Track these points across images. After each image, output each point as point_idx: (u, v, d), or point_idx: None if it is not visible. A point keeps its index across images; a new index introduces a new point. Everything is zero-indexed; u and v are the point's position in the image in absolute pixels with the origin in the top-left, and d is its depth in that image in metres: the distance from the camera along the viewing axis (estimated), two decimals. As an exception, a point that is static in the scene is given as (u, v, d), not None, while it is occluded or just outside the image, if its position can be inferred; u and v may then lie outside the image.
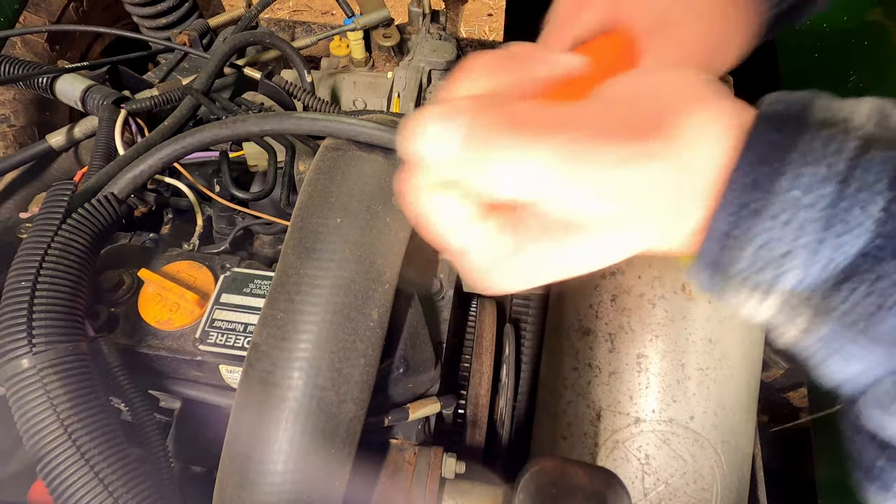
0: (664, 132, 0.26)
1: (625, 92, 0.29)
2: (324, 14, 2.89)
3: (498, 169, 0.26)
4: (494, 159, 0.26)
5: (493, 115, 0.27)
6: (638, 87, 0.29)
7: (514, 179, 0.27)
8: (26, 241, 0.51)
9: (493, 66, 0.31)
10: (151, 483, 0.47)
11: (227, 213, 0.77)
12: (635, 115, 0.27)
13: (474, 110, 0.27)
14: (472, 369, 0.79)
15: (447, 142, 0.27)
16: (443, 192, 0.29)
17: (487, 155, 0.26)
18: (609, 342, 0.74)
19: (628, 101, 0.28)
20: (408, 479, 0.58)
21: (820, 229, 0.24)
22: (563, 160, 0.26)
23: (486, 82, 0.31)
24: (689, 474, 0.70)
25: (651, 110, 0.27)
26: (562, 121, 0.27)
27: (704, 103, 0.27)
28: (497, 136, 0.26)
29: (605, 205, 0.27)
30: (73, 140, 0.79)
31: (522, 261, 0.30)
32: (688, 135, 0.27)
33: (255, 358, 0.49)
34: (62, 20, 1.19)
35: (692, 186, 0.27)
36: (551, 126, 0.27)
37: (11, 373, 0.45)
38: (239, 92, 0.90)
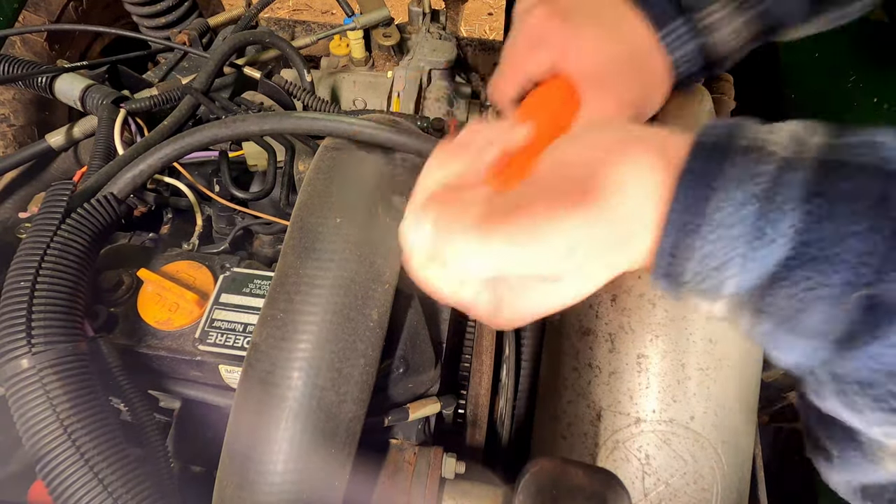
0: (596, 193, 0.31)
1: (558, 162, 0.34)
2: (324, 13, 2.89)
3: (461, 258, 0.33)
4: (457, 251, 0.33)
5: (451, 213, 0.34)
6: (569, 155, 0.34)
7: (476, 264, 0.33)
8: (25, 241, 0.51)
9: (453, 155, 0.38)
10: (151, 483, 0.47)
11: (227, 213, 0.77)
12: (568, 184, 0.32)
13: (437, 207, 0.34)
14: (472, 369, 0.79)
15: (421, 236, 0.34)
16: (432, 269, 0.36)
17: (451, 247, 0.33)
18: (609, 342, 0.74)
19: (562, 172, 0.34)
20: (408, 479, 0.58)
21: (744, 245, 0.28)
22: (513, 242, 0.32)
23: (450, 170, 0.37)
24: (689, 474, 0.70)
25: (582, 176, 0.32)
26: (507, 208, 0.32)
27: (629, 154, 0.32)
28: (457, 231, 0.33)
29: (559, 264, 0.32)
30: (72, 140, 0.79)
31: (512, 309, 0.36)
32: (617, 186, 0.31)
33: (255, 358, 0.49)
34: (61, 19, 1.19)
35: (636, 223, 0.32)
36: (500, 214, 0.32)
37: (11, 373, 0.45)
38: (239, 91, 0.89)
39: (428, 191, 0.37)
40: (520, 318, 0.36)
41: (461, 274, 0.34)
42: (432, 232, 0.34)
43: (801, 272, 0.27)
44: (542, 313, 0.36)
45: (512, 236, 0.31)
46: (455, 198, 0.35)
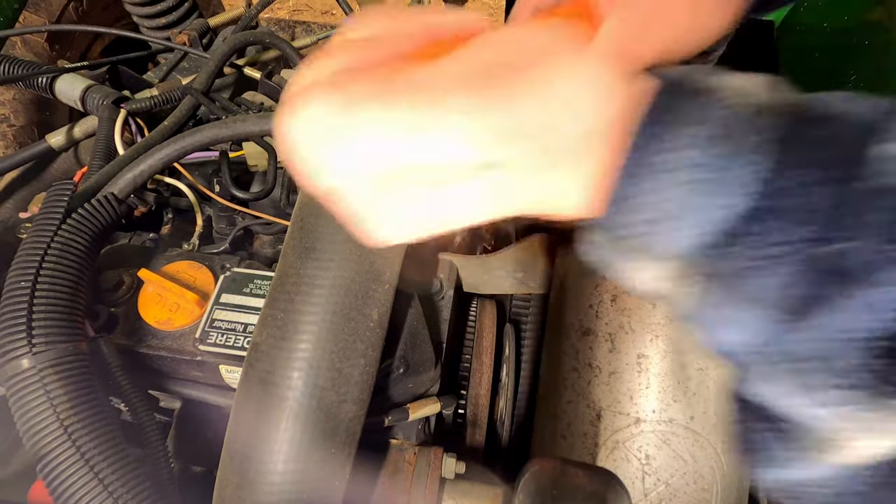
0: (521, 78, 0.26)
1: (500, 39, 0.28)
2: (324, 14, 2.89)
3: (366, 130, 0.27)
4: (362, 120, 0.27)
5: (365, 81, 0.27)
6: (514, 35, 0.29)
7: (382, 137, 0.27)
8: (26, 241, 0.51)
9: (387, 14, 0.31)
10: (151, 483, 0.47)
11: (227, 213, 0.77)
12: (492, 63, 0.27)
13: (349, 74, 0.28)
14: (472, 369, 0.79)
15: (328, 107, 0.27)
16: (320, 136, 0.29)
17: (356, 118, 0.27)
18: (609, 342, 0.74)
19: (502, 47, 0.28)
20: (408, 479, 0.58)
21: (698, 191, 0.25)
22: (424, 113, 0.26)
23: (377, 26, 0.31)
24: (689, 474, 0.70)
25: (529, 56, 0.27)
26: (425, 77, 0.27)
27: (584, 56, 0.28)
28: (364, 99, 0.26)
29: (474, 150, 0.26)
30: (72, 140, 0.79)
31: (396, 206, 0.29)
32: (566, 77, 0.27)
33: (255, 358, 0.49)
34: (62, 20, 1.19)
35: (582, 138, 0.27)
36: (413, 84, 0.26)
37: (11, 373, 0.45)
38: (239, 92, 0.90)
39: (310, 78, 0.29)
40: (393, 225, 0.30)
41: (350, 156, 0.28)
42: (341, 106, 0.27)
43: (759, 225, 0.24)
44: (419, 229, 0.30)
45: (398, 118, 0.26)
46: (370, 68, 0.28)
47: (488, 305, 0.86)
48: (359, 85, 0.27)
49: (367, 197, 0.29)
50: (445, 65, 0.27)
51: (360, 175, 0.28)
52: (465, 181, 0.28)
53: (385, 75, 0.28)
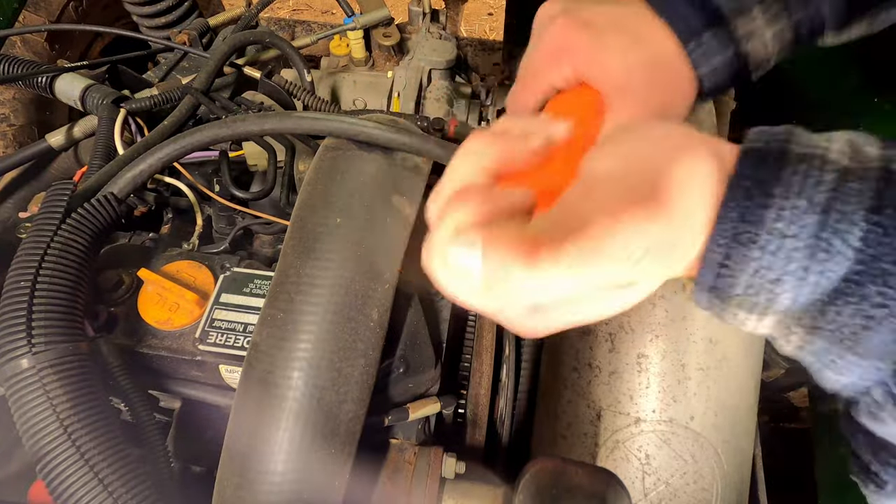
0: (667, 193, 0.29)
1: (608, 166, 0.32)
2: (324, 13, 2.89)
3: (519, 291, 0.30)
4: (514, 285, 0.29)
5: (505, 242, 0.29)
6: (626, 153, 0.32)
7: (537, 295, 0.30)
8: (26, 241, 0.51)
9: (490, 142, 0.35)
10: (151, 483, 0.47)
11: (227, 213, 0.77)
12: (631, 186, 0.30)
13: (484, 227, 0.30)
14: (472, 369, 0.79)
15: (469, 278, 0.30)
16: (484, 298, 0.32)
17: (507, 281, 0.29)
18: (609, 342, 0.74)
19: (620, 173, 0.31)
20: (408, 479, 0.58)
21: (805, 257, 0.27)
22: (577, 267, 0.29)
23: (488, 156, 0.34)
24: (689, 474, 0.70)
25: (647, 175, 0.30)
26: (563, 228, 0.30)
27: (686, 153, 0.30)
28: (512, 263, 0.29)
29: (623, 276, 0.30)
30: (72, 139, 0.79)
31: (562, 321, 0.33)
32: (675, 194, 0.29)
33: (255, 358, 0.49)
34: (62, 19, 1.19)
35: (686, 231, 0.30)
36: (559, 238, 0.29)
37: (11, 373, 0.45)
38: (239, 91, 0.89)
39: (463, 181, 0.34)
40: (567, 326, 0.34)
41: (518, 303, 0.31)
42: (484, 263, 0.30)
43: (869, 288, 0.26)
44: (592, 321, 0.34)
45: (575, 262, 0.29)
46: (499, 215, 0.31)
47: (488, 305, 0.85)
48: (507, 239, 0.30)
49: (516, 318, 0.33)
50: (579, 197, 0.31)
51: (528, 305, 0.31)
52: (636, 283, 0.31)
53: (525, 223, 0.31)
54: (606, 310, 0.32)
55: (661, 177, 0.29)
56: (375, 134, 0.56)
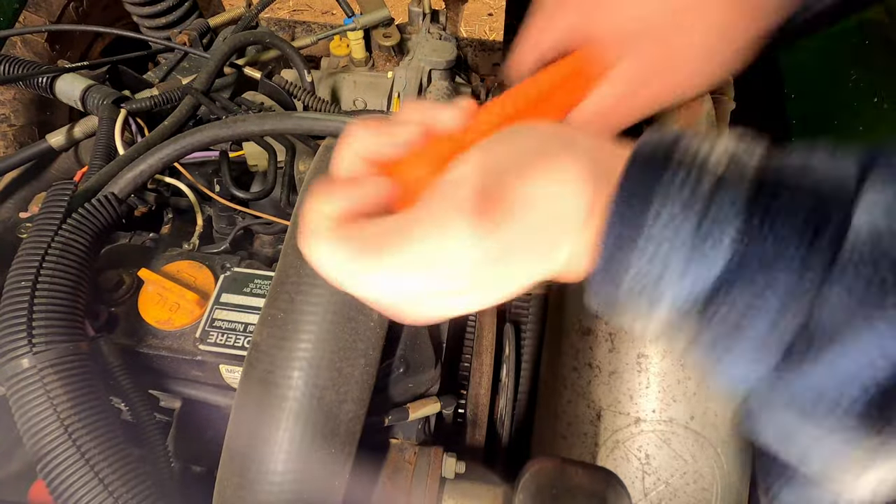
0: (501, 209, 0.30)
1: (467, 170, 0.32)
2: (324, 14, 2.89)
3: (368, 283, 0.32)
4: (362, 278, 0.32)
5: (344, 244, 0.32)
6: (480, 163, 0.32)
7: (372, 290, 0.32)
8: (26, 241, 0.51)
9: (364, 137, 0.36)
10: (151, 483, 0.47)
11: (227, 213, 0.77)
12: (471, 198, 0.30)
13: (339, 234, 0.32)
14: (472, 369, 0.79)
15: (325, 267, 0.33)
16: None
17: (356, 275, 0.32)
18: (609, 342, 0.74)
19: (467, 182, 0.31)
20: (408, 479, 0.58)
21: (682, 259, 0.28)
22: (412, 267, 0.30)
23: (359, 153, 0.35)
24: (689, 474, 0.70)
25: (489, 188, 0.31)
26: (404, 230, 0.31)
27: (549, 164, 0.31)
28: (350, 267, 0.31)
29: (458, 282, 0.31)
30: (72, 140, 0.79)
31: (416, 313, 0.34)
32: (526, 202, 0.30)
33: (256, 357, 0.49)
34: (62, 20, 1.19)
35: (551, 236, 0.31)
36: (396, 239, 0.31)
37: (11, 373, 0.45)
38: (239, 92, 0.90)
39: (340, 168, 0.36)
40: (425, 320, 0.35)
41: (370, 295, 0.33)
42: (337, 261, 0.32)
43: (738, 288, 0.27)
44: (448, 317, 0.35)
45: (396, 268, 0.30)
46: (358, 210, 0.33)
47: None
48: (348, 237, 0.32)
49: (387, 304, 0.34)
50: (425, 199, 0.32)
51: (382, 296, 0.33)
52: (470, 292, 0.32)
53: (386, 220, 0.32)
54: (455, 309, 0.34)
55: (507, 189, 0.30)
56: (375, 134, 0.56)
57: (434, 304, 0.33)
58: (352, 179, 0.35)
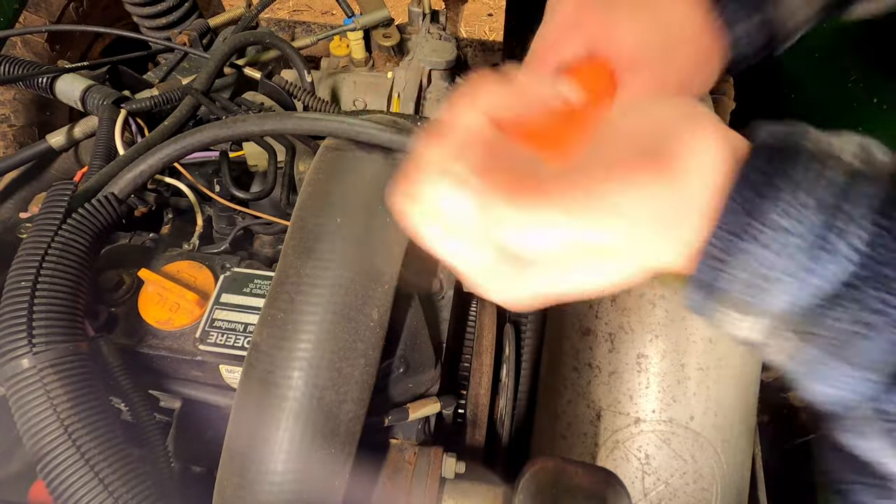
0: (663, 162, 0.28)
1: (622, 128, 0.30)
2: (324, 14, 2.89)
3: (509, 234, 0.29)
4: (506, 228, 0.28)
5: (500, 184, 0.28)
6: (634, 121, 0.30)
7: (526, 241, 0.29)
8: (26, 241, 0.51)
9: (494, 93, 0.32)
10: (151, 483, 0.47)
11: (227, 213, 0.77)
12: (638, 152, 0.29)
13: (483, 174, 0.29)
14: (472, 369, 0.79)
15: (460, 209, 0.29)
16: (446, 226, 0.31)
17: (499, 225, 0.28)
18: (609, 342, 0.74)
19: (629, 140, 0.29)
20: (408, 479, 0.58)
21: (807, 257, 0.26)
22: (579, 211, 0.28)
23: (488, 106, 0.32)
24: (689, 474, 0.70)
25: (653, 144, 0.29)
26: (568, 176, 0.28)
27: (701, 131, 0.29)
28: (506, 208, 0.28)
29: (620, 237, 0.28)
30: (73, 140, 0.79)
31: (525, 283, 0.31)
32: (685, 162, 0.28)
33: (255, 358, 0.49)
34: (62, 20, 1.19)
35: (688, 209, 0.28)
36: (554, 187, 0.28)
37: (11, 373, 0.45)
38: (239, 92, 0.90)
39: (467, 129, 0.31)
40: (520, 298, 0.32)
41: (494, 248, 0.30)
42: (479, 212, 0.28)
43: (869, 293, 0.25)
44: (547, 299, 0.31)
45: (562, 207, 0.27)
46: (501, 165, 0.30)
47: (488, 305, 0.86)
48: (489, 180, 0.28)
49: (486, 275, 0.31)
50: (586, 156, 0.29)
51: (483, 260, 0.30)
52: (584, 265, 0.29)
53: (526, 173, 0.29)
54: (585, 279, 0.31)
55: (674, 141, 0.28)
56: (375, 134, 0.56)
57: (578, 267, 0.30)
58: (489, 143, 0.31)
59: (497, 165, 0.30)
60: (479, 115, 0.32)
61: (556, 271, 0.30)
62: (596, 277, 0.31)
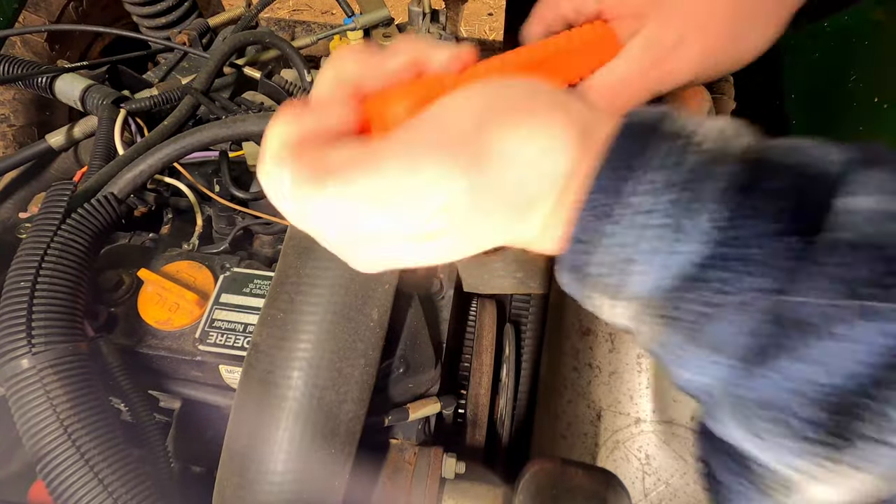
0: (479, 153, 0.28)
1: (450, 108, 0.30)
2: (324, 13, 2.89)
3: (318, 214, 0.30)
4: (312, 206, 0.29)
5: (308, 164, 0.29)
6: (465, 103, 0.30)
7: (333, 222, 0.30)
8: (26, 241, 0.51)
9: (348, 62, 0.33)
10: (151, 483, 0.47)
11: (227, 213, 0.77)
12: (451, 136, 0.28)
13: (295, 156, 0.30)
14: (472, 369, 0.79)
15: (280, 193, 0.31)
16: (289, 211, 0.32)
17: (306, 202, 0.29)
18: (609, 342, 0.74)
19: (448, 120, 0.29)
20: (408, 479, 0.58)
21: (657, 237, 0.26)
22: (371, 199, 0.28)
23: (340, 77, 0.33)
24: (689, 474, 0.70)
25: (468, 130, 0.28)
26: (370, 158, 0.28)
27: (535, 117, 0.29)
28: (309, 187, 0.29)
29: (425, 225, 0.28)
30: (72, 140, 0.79)
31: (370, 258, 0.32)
32: (504, 151, 0.28)
33: (255, 358, 0.49)
34: (62, 20, 1.19)
35: (527, 194, 0.28)
36: (359, 166, 0.28)
37: (11, 373, 0.45)
38: (239, 91, 0.90)
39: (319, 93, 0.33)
40: (376, 266, 0.33)
41: (324, 228, 0.31)
42: (289, 185, 0.30)
43: (715, 273, 0.25)
44: (407, 266, 0.32)
45: (365, 193, 0.28)
46: (316, 143, 0.30)
47: (488, 305, 0.86)
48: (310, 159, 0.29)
49: (339, 244, 0.32)
50: (392, 139, 0.29)
51: (332, 231, 0.31)
52: (430, 239, 0.29)
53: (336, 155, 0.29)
54: (414, 259, 0.31)
55: (489, 135, 0.28)
56: (375, 134, 0.56)
57: (390, 248, 0.30)
58: (322, 103, 0.32)
59: (321, 133, 0.30)
60: (329, 80, 0.33)
61: (379, 249, 0.31)
62: (415, 258, 0.31)
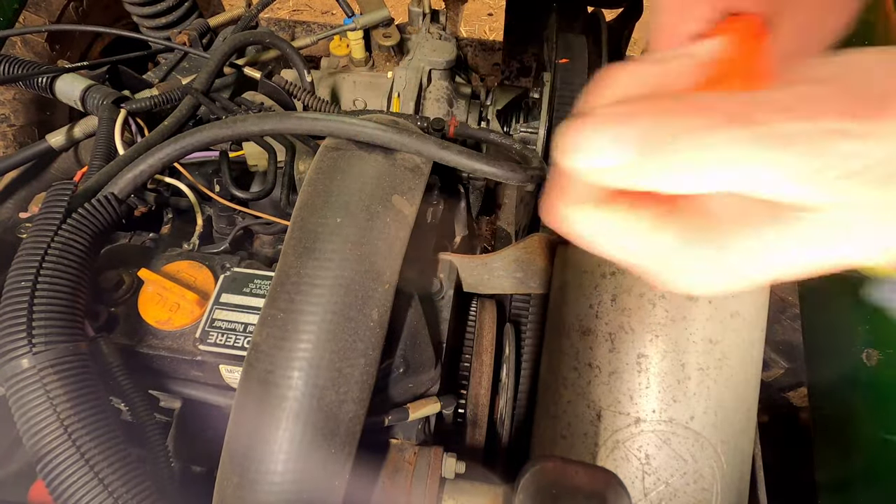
0: (886, 108, 0.22)
1: (826, 73, 0.24)
2: (324, 14, 2.89)
3: (689, 163, 0.22)
4: (684, 153, 0.22)
5: (671, 109, 0.23)
6: (843, 66, 0.24)
7: (712, 172, 0.22)
8: (26, 241, 0.51)
9: (637, 69, 0.27)
10: (151, 483, 0.47)
11: (227, 213, 0.77)
12: (847, 94, 0.23)
13: (648, 109, 0.23)
14: (472, 369, 0.79)
15: (622, 148, 0.23)
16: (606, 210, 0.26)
17: (675, 150, 0.22)
18: (609, 342, 0.74)
19: (834, 82, 0.23)
20: (408, 479, 0.58)
21: None
22: (767, 144, 0.22)
23: (634, 83, 0.27)
24: (689, 474, 0.70)
25: (867, 89, 0.23)
26: (754, 104, 0.22)
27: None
28: (684, 128, 0.22)
29: (830, 187, 0.22)
30: (72, 140, 0.79)
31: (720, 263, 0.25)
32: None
33: (255, 358, 0.49)
34: (62, 20, 1.19)
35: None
36: (743, 110, 0.22)
37: (11, 373, 0.45)
38: (239, 92, 0.90)
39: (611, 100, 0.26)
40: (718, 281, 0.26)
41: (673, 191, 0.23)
42: (645, 140, 0.22)
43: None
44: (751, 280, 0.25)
45: (768, 128, 0.22)
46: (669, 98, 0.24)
47: (488, 305, 0.86)
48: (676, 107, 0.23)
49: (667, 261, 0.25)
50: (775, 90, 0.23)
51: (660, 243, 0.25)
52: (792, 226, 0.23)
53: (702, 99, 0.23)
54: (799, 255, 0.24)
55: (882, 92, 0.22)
56: (375, 134, 0.56)
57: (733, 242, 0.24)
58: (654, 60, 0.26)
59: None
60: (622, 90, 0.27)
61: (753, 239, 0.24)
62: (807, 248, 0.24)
